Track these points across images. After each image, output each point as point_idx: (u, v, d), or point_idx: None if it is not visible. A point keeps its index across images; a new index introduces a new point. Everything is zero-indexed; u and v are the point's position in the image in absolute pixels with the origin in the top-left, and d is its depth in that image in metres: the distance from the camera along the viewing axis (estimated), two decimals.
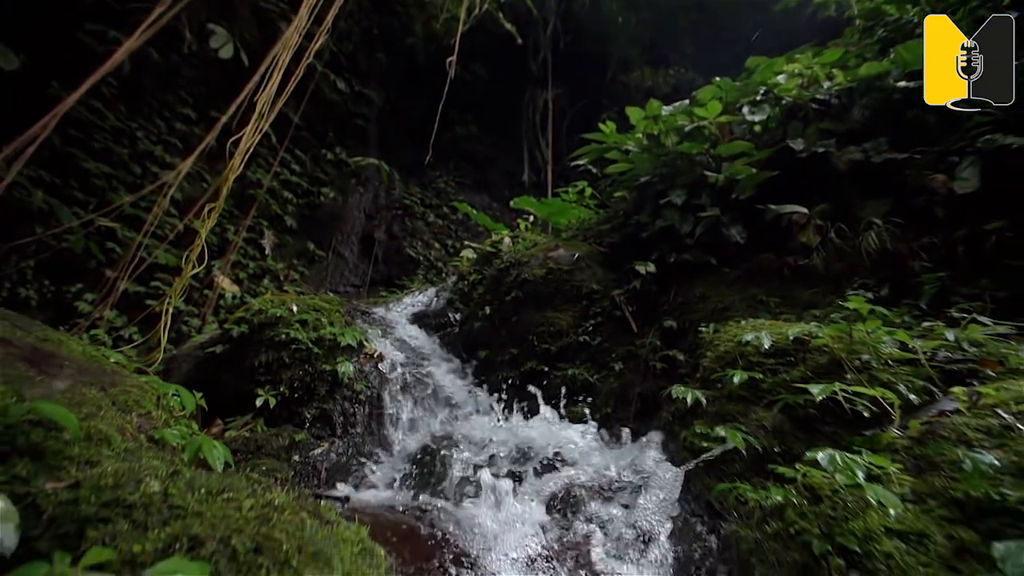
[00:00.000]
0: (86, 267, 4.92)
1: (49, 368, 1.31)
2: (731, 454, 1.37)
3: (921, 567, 0.85)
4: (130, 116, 5.14)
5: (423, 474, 1.78)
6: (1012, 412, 1.12)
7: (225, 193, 2.49)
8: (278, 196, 6.59)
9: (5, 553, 0.82)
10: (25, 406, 1.03)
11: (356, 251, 6.82)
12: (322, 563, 0.76)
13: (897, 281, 2.23)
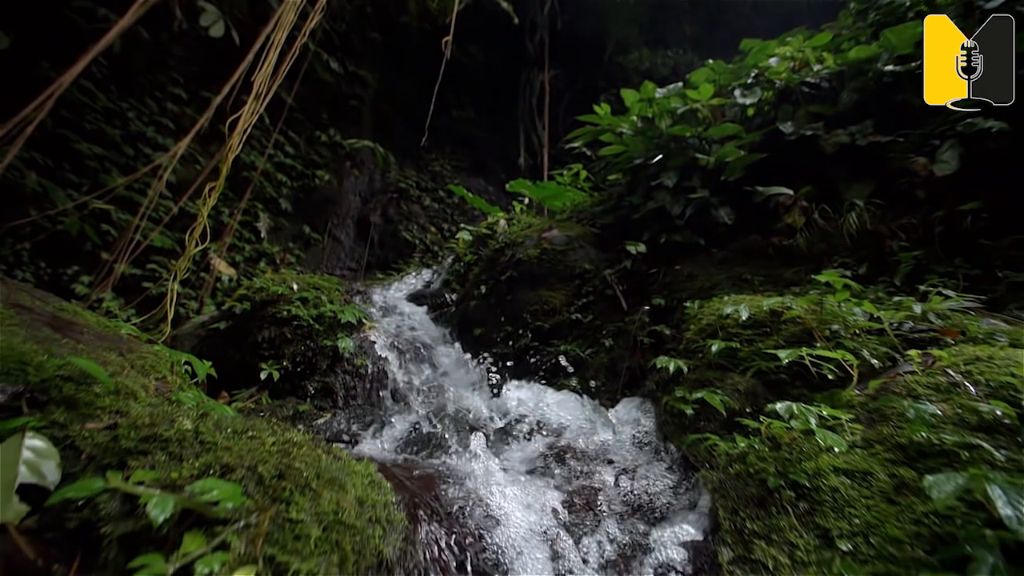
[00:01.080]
0: (81, 249, 4.96)
1: (71, 333, 1.41)
2: (707, 414, 1.49)
3: (863, 499, 0.98)
4: (121, 96, 5.11)
5: (422, 438, 1.91)
6: (960, 371, 1.25)
7: (225, 172, 2.55)
8: (272, 179, 6.59)
9: (49, 486, 0.93)
10: (57, 361, 1.13)
11: (352, 235, 6.87)
12: (337, 487, 0.88)
13: (875, 260, 2.35)
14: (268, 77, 2.66)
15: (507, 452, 1.69)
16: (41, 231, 4.68)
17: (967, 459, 0.99)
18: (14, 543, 0.82)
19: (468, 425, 2.02)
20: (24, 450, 0.94)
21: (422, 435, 1.96)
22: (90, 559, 0.82)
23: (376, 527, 0.88)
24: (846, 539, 0.91)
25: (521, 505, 1.14)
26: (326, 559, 0.79)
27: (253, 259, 6.17)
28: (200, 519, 0.80)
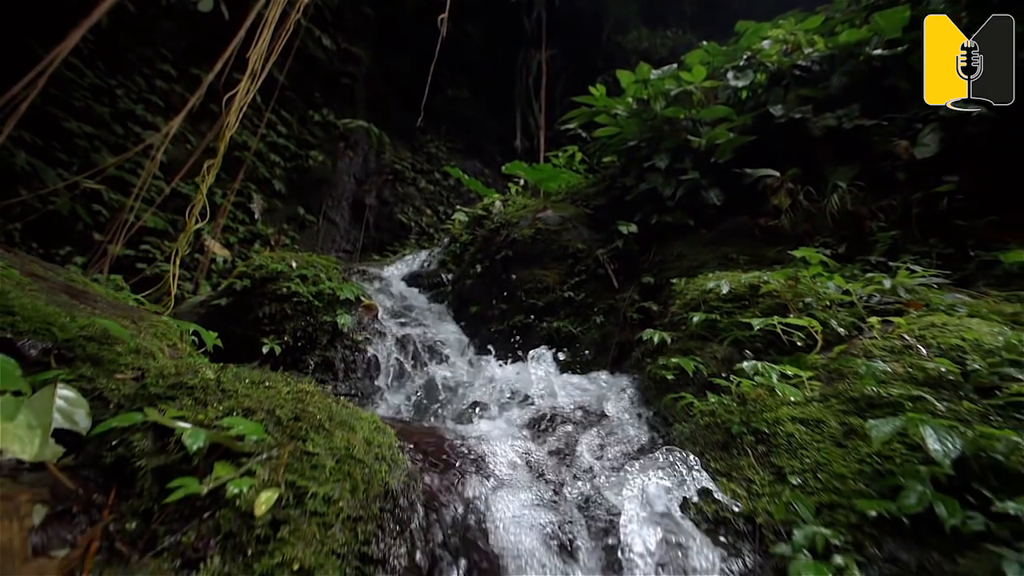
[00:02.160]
0: (73, 230, 4.98)
1: (85, 301, 1.50)
2: (685, 379, 1.63)
3: (815, 443, 1.11)
4: (109, 73, 5.06)
5: (420, 407, 2.03)
6: (915, 336, 1.38)
7: (223, 150, 2.60)
8: (265, 159, 6.58)
9: (81, 431, 1.04)
10: (80, 321, 1.23)
11: (347, 217, 6.91)
12: (347, 428, 0.99)
13: (855, 240, 2.47)
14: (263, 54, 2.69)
15: (499, 416, 1.82)
16: (32, 211, 4.69)
17: (911, 409, 1.12)
18: (55, 477, 0.93)
19: (463, 395, 2.15)
20: (57, 399, 1.04)
21: (419, 403, 2.08)
22: (126, 489, 0.94)
23: (382, 463, 1.00)
24: (797, 475, 1.04)
25: (509, 448, 1.27)
26: (340, 486, 0.91)
27: (247, 240, 6.21)
28: (227, 452, 0.92)
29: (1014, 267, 2.11)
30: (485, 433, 1.44)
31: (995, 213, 2.45)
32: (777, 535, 0.93)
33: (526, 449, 1.32)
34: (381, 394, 2.24)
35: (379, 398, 2.23)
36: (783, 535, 0.92)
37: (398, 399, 2.21)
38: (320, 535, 0.85)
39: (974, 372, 1.20)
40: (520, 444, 1.39)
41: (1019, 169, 2.42)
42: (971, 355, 1.25)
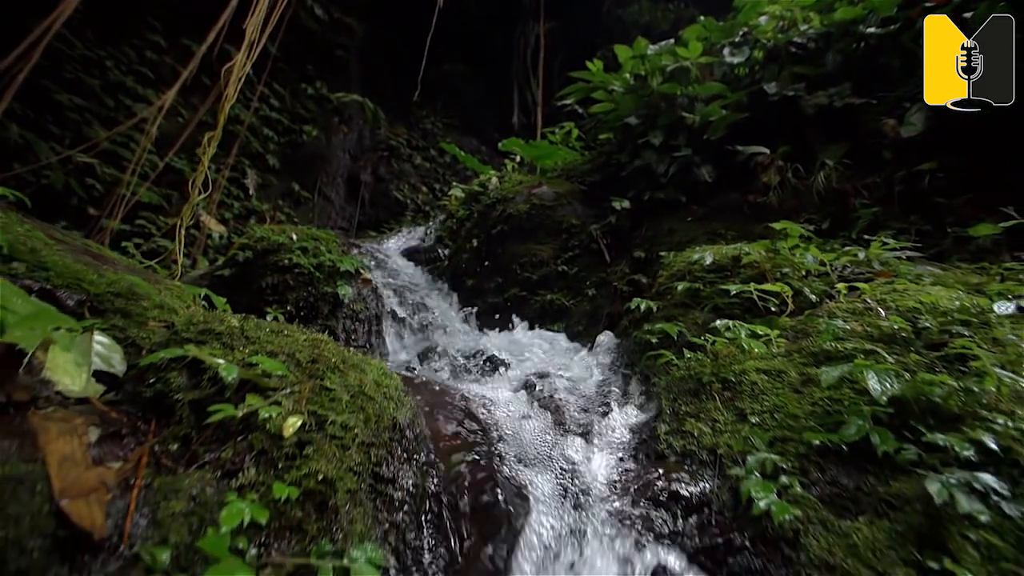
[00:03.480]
0: (68, 204, 5.01)
1: (106, 263, 1.62)
2: (667, 342, 1.78)
3: (775, 389, 1.27)
4: (98, 44, 5.01)
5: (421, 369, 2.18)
6: (876, 300, 1.53)
7: (222, 122, 2.67)
8: (259, 133, 6.56)
9: (117, 373, 1.18)
10: (109, 277, 1.35)
11: (342, 193, 6.95)
12: (359, 371, 1.14)
13: (838, 216, 2.60)
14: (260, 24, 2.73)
15: (494, 377, 1.98)
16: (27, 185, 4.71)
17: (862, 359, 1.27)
18: (100, 409, 1.07)
19: (460, 360, 2.30)
20: (94, 344, 1.17)
21: (417, 368, 2.23)
22: (165, 419, 1.08)
23: (390, 401, 1.15)
24: (756, 415, 1.20)
25: (502, 400, 1.42)
26: (354, 416, 1.05)
27: (242, 216, 6.25)
28: (255, 387, 1.06)
29: (986, 242, 2.25)
30: (481, 389, 1.59)
31: (973, 192, 2.58)
32: (734, 462, 1.09)
33: (521, 401, 1.47)
34: (382, 359, 2.39)
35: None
36: (739, 462, 1.08)
37: (397, 364, 2.36)
38: (339, 455, 1.00)
39: (925, 330, 1.35)
40: (515, 399, 1.54)
41: (999, 149, 2.55)
42: (925, 316, 1.40)
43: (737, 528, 0.95)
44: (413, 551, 0.99)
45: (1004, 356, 1.27)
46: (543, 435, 1.30)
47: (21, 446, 0.84)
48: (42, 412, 0.94)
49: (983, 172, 2.62)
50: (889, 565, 0.86)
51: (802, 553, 0.88)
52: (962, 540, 0.89)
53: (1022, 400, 1.15)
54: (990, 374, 1.16)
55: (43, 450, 0.84)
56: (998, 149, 2.55)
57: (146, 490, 0.88)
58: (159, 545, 0.81)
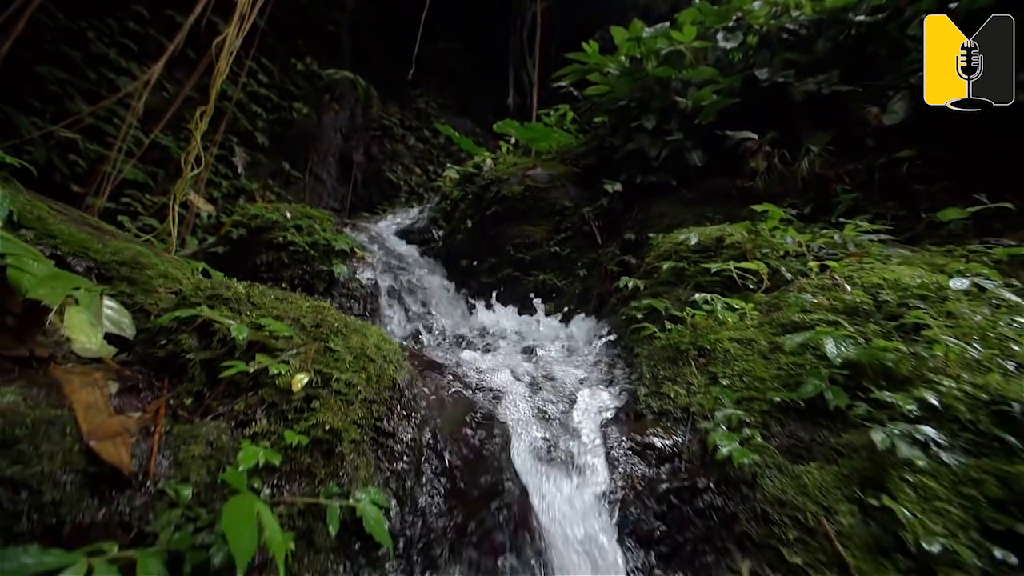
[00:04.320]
0: (51, 181, 4.94)
1: (105, 234, 1.66)
2: (652, 317, 1.88)
3: (745, 356, 1.38)
4: (79, 15, 4.88)
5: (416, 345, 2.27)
6: (843, 276, 1.64)
7: (214, 97, 2.67)
8: (247, 110, 6.46)
9: (128, 336, 1.25)
10: (114, 245, 1.41)
11: (334, 173, 6.91)
12: (360, 335, 1.22)
13: (820, 201, 2.71)
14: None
15: (484, 347, 2.07)
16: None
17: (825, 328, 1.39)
18: (115, 367, 1.15)
19: (454, 336, 2.40)
20: (104, 308, 1.24)
21: (416, 343, 2.32)
22: (177, 378, 1.16)
23: (389, 364, 1.24)
24: (726, 378, 1.32)
25: (495, 368, 1.52)
26: (357, 375, 1.14)
27: (231, 195, 6.21)
28: (264, 347, 1.14)
29: (956, 227, 2.38)
30: (474, 359, 1.69)
31: (949, 179, 2.70)
32: (704, 418, 1.20)
33: (514, 367, 1.57)
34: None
35: None
36: (708, 418, 1.20)
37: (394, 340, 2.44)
38: (344, 409, 1.09)
39: (885, 303, 1.47)
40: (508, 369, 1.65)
41: (977, 139, 2.66)
42: (887, 291, 1.52)
43: (703, 472, 1.07)
44: (412, 496, 1.10)
45: (956, 327, 1.40)
46: (532, 398, 1.40)
47: (48, 394, 0.91)
48: (63, 367, 1.02)
49: (958, 160, 2.74)
50: (834, 501, 0.98)
51: (758, 492, 1.00)
52: (900, 482, 1.01)
53: (968, 366, 1.28)
54: (940, 342, 1.28)
55: (69, 398, 0.92)
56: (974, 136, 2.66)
57: (166, 436, 0.96)
58: (181, 483, 0.90)
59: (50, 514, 0.79)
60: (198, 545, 0.84)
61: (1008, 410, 1.14)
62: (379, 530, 0.97)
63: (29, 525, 0.78)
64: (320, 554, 0.94)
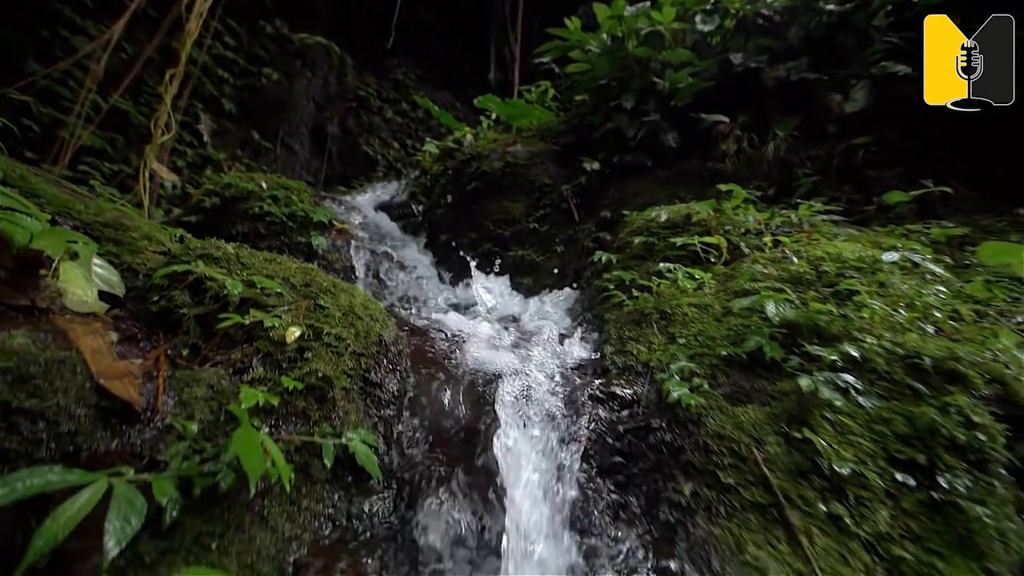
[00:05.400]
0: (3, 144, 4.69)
1: (83, 198, 1.68)
2: (622, 288, 2.05)
3: (701, 319, 1.56)
4: None
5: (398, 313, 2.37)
6: (792, 250, 1.84)
7: (184, 58, 2.62)
8: (212, 74, 6.21)
9: (118, 294, 1.32)
10: (97, 206, 1.45)
11: (307, 145, 6.76)
12: (348, 294, 1.33)
13: (783, 184, 2.92)
14: None
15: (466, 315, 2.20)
16: None
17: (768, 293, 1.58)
18: (111, 321, 1.22)
19: (435, 306, 2.51)
20: (94, 267, 1.30)
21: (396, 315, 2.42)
22: (171, 332, 1.24)
23: (376, 322, 1.35)
24: (683, 337, 1.49)
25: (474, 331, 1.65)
26: (346, 330, 1.25)
27: (197, 165, 6.02)
28: (256, 303, 1.23)
29: (903, 209, 2.63)
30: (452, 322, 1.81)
31: (902, 165, 2.95)
32: (661, 371, 1.38)
33: (487, 330, 1.71)
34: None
35: None
36: (665, 370, 1.37)
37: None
38: (335, 360, 1.20)
39: (824, 273, 1.67)
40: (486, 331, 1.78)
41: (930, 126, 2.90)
42: (828, 263, 1.72)
43: (657, 414, 1.24)
44: (397, 437, 1.23)
45: (886, 294, 1.61)
46: (509, 356, 1.54)
47: (55, 339, 0.99)
48: (64, 316, 1.09)
49: (912, 146, 2.99)
50: (764, 435, 1.17)
51: (702, 428, 1.18)
52: (821, 419, 1.21)
53: (892, 327, 1.49)
54: (867, 306, 1.49)
55: (75, 343, 1.00)
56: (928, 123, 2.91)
57: (169, 379, 1.06)
58: (188, 419, 1.00)
59: (67, 442, 0.89)
60: (206, 472, 0.95)
61: (920, 363, 1.35)
62: (370, 464, 1.10)
63: (48, 452, 0.88)
64: (316, 485, 1.07)
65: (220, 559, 0.88)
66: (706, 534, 1.01)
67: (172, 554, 0.87)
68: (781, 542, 0.99)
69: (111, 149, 5.36)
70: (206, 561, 0.88)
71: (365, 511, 1.07)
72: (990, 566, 1.10)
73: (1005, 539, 1.13)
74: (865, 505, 1.08)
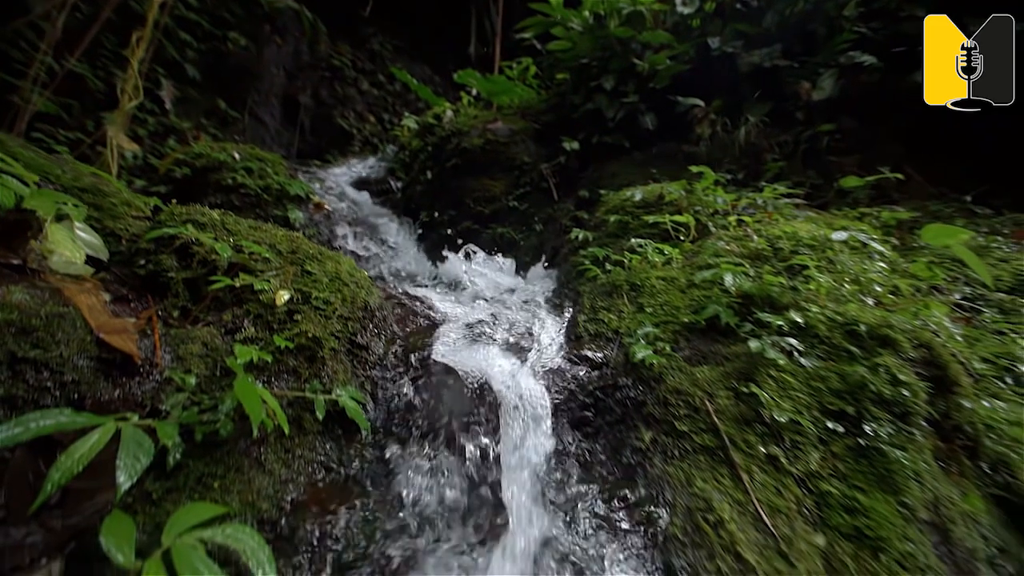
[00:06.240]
0: None
1: (63, 163, 1.68)
2: (597, 263, 2.18)
3: (667, 290, 1.71)
4: None
5: None
6: (753, 229, 2.00)
7: (152, 19, 2.55)
8: (174, 37, 5.92)
9: (102, 258, 1.36)
10: (73, 171, 1.47)
11: (277, 116, 6.58)
12: (334, 261, 1.41)
13: (753, 168, 3.10)
14: None
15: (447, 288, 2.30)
16: None
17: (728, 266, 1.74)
18: (99, 283, 1.27)
19: (418, 281, 2.60)
20: (77, 231, 1.34)
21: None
22: (159, 295, 1.30)
23: (362, 288, 1.44)
24: (650, 307, 1.64)
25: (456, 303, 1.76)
26: (334, 295, 1.34)
27: (159, 134, 5.79)
28: (244, 268, 1.30)
29: (860, 194, 2.86)
30: (433, 294, 1.91)
31: (861, 152, 3.17)
32: (629, 336, 1.52)
33: (468, 303, 1.82)
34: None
35: None
36: (632, 335, 1.52)
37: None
38: (323, 322, 1.29)
39: (780, 250, 1.84)
40: (464, 303, 1.89)
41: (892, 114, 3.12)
42: (784, 240, 1.89)
43: (624, 374, 1.39)
44: (383, 396, 1.34)
45: (834, 270, 1.80)
46: (489, 325, 1.66)
47: (51, 296, 1.05)
48: (56, 275, 1.13)
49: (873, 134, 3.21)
50: (716, 389, 1.33)
51: (663, 385, 1.34)
52: (766, 376, 1.38)
53: (836, 298, 1.68)
54: (815, 279, 1.67)
55: (71, 300, 1.06)
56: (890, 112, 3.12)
57: (164, 337, 1.13)
58: (185, 373, 1.08)
59: (72, 391, 0.96)
60: (205, 421, 1.04)
61: (857, 329, 1.54)
62: (359, 417, 1.21)
63: (53, 400, 0.95)
64: (309, 435, 1.17)
65: (222, 497, 0.98)
66: (661, 472, 1.17)
67: (177, 492, 0.97)
68: (725, 478, 1.16)
69: (67, 116, 5.11)
70: (209, 498, 0.98)
71: (355, 459, 1.18)
72: (905, 500, 1.30)
73: (920, 479, 1.33)
74: (799, 448, 1.26)
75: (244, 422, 1.08)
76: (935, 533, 1.30)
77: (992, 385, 1.75)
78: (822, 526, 1.16)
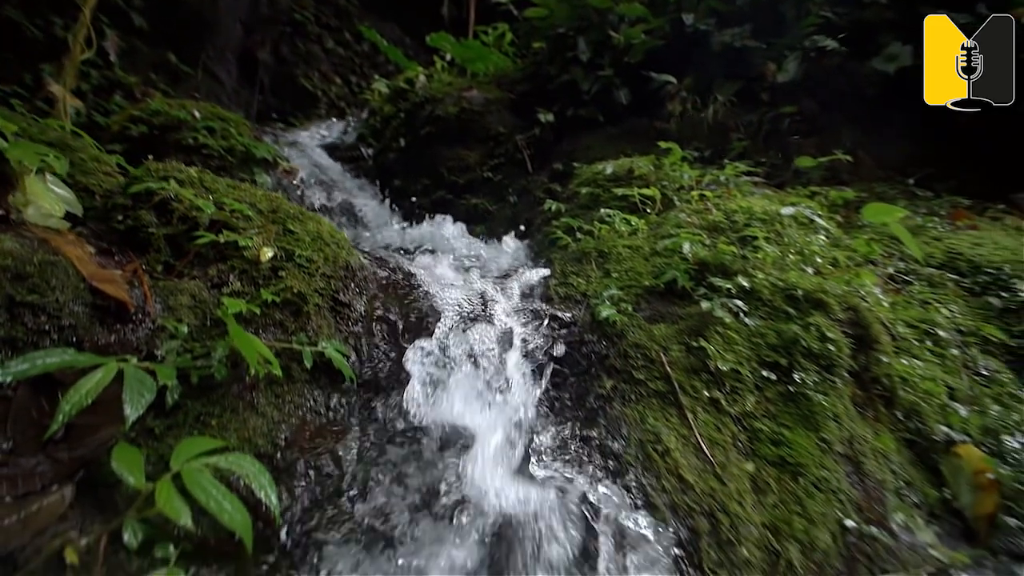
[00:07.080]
0: None
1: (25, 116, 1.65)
2: (568, 233, 2.33)
3: (632, 257, 1.89)
4: None
5: None
6: (713, 203, 2.20)
7: None
8: None
9: (77, 213, 1.39)
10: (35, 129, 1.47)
11: (234, 73, 6.27)
12: (315, 222, 1.49)
13: (720, 146, 3.31)
14: None
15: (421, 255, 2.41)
16: None
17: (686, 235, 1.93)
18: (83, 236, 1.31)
19: (389, 247, 2.68)
20: (50, 186, 1.36)
21: None
22: (142, 249, 1.36)
23: (343, 249, 1.53)
24: (616, 272, 1.81)
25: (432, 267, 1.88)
26: (316, 254, 1.43)
27: (104, 89, 5.44)
28: (227, 225, 1.36)
29: (815, 176, 3.11)
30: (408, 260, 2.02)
31: (820, 135, 3.43)
32: (595, 298, 1.69)
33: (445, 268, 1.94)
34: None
35: None
36: (599, 297, 1.69)
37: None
38: (306, 279, 1.38)
39: (735, 223, 2.05)
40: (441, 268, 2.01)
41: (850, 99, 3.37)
42: (739, 214, 2.09)
43: (590, 331, 1.56)
44: (366, 349, 1.46)
45: (781, 242, 2.02)
46: (464, 287, 1.79)
47: (40, 245, 1.10)
48: (38, 228, 1.18)
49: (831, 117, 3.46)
50: (670, 344, 1.53)
51: (624, 340, 1.52)
52: (713, 332, 1.59)
53: (780, 267, 1.90)
54: (763, 249, 1.88)
55: (60, 250, 1.11)
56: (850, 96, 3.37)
57: (153, 288, 1.20)
58: (178, 322, 1.17)
59: (70, 335, 1.04)
60: (200, 367, 1.14)
61: (795, 293, 1.76)
62: (344, 368, 1.33)
63: (52, 343, 1.02)
64: (297, 384, 1.28)
65: (220, 433, 1.09)
66: (619, 413, 1.35)
67: (177, 428, 1.07)
68: (673, 417, 1.37)
69: (72, 46, 4.72)
70: (208, 435, 1.08)
71: (342, 405, 1.30)
72: (824, 436, 1.55)
73: (839, 419, 1.58)
74: (738, 393, 1.48)
75: (236, 369, 1.18)
76: (848, 464, 1.56)
77: (912, 346, 2.03)
78: (752, 456, 1.39)
